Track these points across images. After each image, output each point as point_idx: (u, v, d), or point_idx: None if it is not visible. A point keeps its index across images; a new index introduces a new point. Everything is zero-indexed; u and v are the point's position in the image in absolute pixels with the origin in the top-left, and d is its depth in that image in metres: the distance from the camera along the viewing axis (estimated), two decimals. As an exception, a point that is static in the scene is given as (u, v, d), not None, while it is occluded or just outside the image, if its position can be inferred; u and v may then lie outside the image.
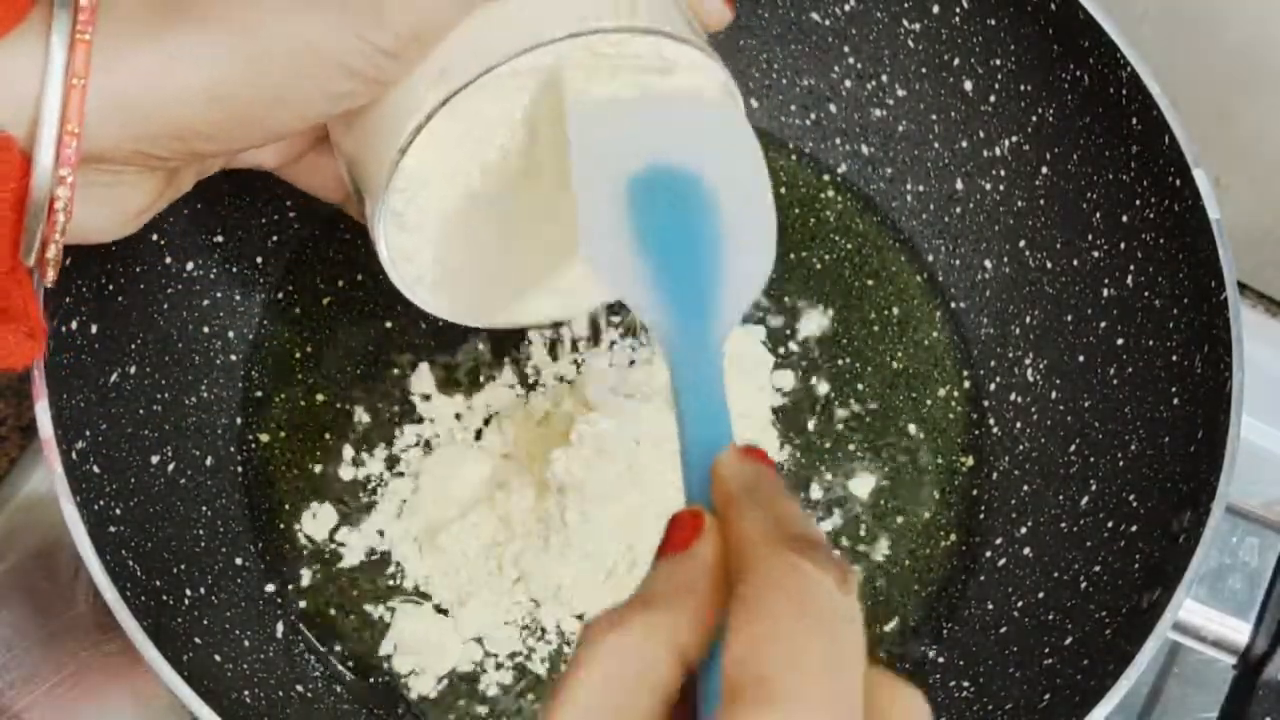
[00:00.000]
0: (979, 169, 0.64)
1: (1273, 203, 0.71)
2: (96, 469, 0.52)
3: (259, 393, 0.62)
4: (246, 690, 0.53)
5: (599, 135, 0.43)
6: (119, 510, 0.52)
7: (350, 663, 0.58)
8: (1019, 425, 0.62)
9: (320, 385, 0.62)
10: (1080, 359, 0.60)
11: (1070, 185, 0.60)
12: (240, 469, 0.61)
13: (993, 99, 0.62)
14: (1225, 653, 0.52)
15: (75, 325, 0.53)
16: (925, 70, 0.64)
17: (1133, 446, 0.57)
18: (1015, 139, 0.62)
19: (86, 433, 0.52)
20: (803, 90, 0.67)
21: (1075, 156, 0.60)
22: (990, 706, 0.56)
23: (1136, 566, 0.54)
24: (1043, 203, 0.62)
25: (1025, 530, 0.60)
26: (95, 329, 0.54)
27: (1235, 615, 0.52)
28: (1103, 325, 0.59)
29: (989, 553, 0.61)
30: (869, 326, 0.65)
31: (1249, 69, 0.67)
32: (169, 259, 0.59)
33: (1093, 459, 0.59)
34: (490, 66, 0.42)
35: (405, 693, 0.58)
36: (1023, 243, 0.63)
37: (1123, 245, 0.58)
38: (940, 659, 0.59)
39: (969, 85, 0.63)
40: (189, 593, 0.54)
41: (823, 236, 0.66)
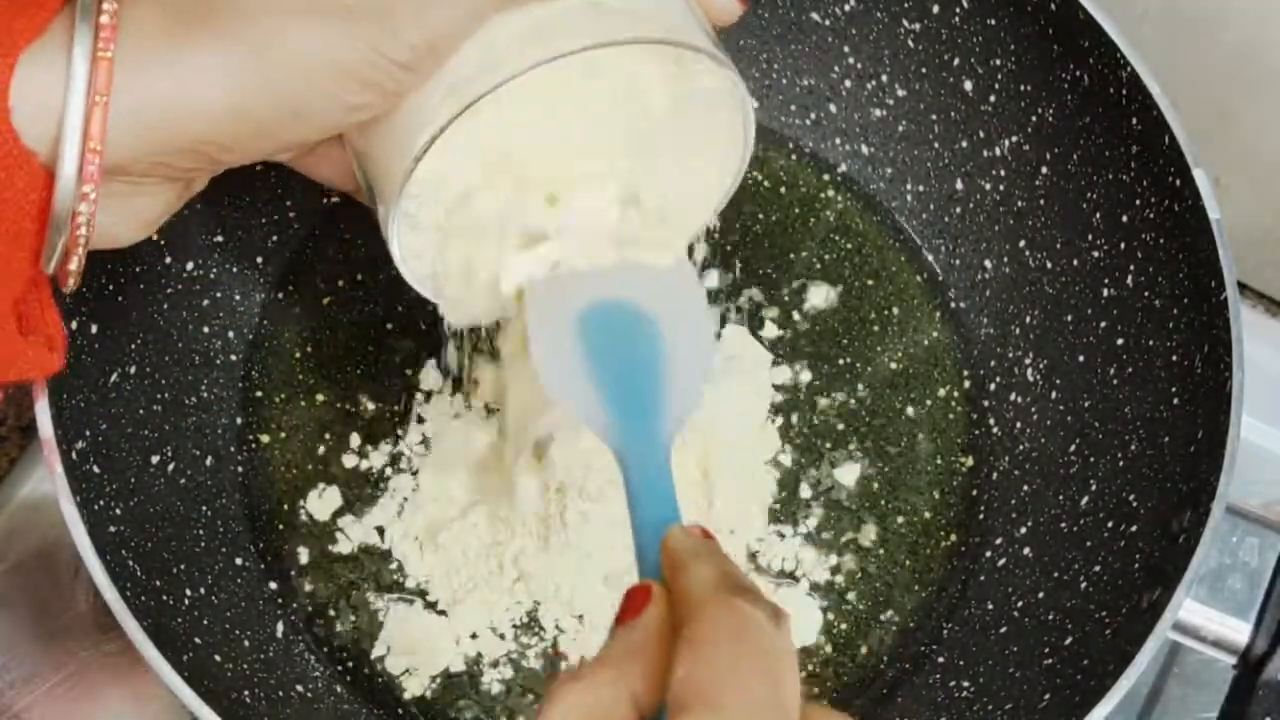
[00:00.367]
0: (979, 169, 0.64)
1: (1273, 203, 0.71)
2: (96, 469, 0.52)
3: (259, 393, 0.62)
4: (246, 690, 0.53)
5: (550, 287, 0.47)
6: (119, 510, 0.52)
7: (350, 662, 0.58)
8: (1019, 425, 0.62)
9: (320, 385, 0.62)
10: (1080, 359, 0.60)
11: (1070, 185, 0.60)
12: (240, 469, 0.61)
13: (993, 99, 0.62)
14: (1225, 653, 0.52)
15: (75, 325, 0.53)
16: (925, 70, 0.64)
17: (1133, 446, 0.57)
18: (1015, 139, 0.62)
19: (86, 433, 0.52)
20: (803, 90, 0.67)
21: (1075, 156, 0.60)
22: (990, 706, 0.56)
23: (1136, 566, 0.54)
24: (1043, 203, 0.62)
25: (1025, 530, 0.60)
26: (95, 329, 0.54)
27: (1235, 615, 0.52)
28: (1103, 325, 0.59)
29: (989, 553, 0.61)
30: (869, 326, 0.65)
31: (1249, 69, 0.67)
32: (169, 259, 0.59)
33: (1093, 459, 0.59)
34: (505, 80, 0.42)
35: (400, 693, 0.58)
36: (1023, 243, 0.63)
37: (1123, 245, 0.58)
38: (940, 659, 0.59)
39: (969, 85, 0.63)
40: (189, 593, 0.54)
41: (823, 236, 0.66)
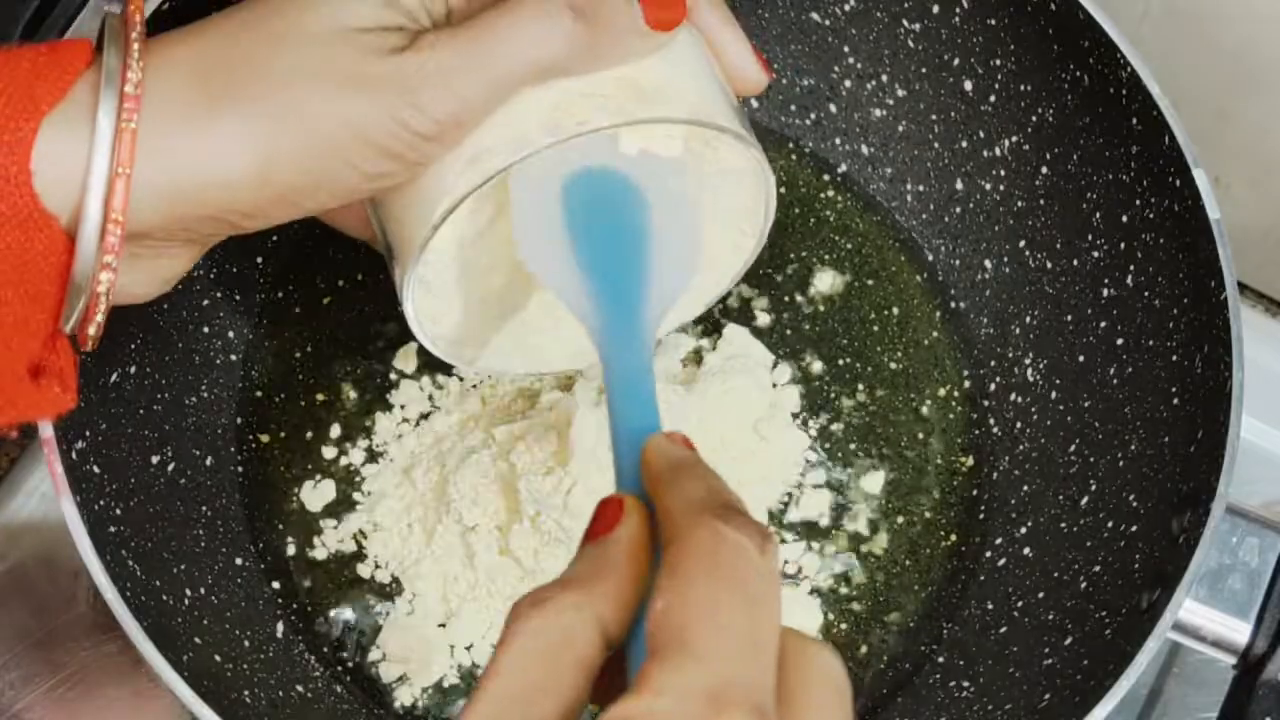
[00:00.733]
0: (979, 169, 0.64)
1: (1273, 203, 0.71)
2: (96, 469, 0.52)
3: (259, 393, 0.62)
4: (246, 690, 0.53)
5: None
6: (119, 510, 0.52)
7: (349, 663, 0.58)
8: (1019, 425, 0.62)
9: (320, 385, 0.62)
10: (1080, 359, 0.60)
11: (1070, 185, 0.60)
12: (240, 469, 0.61)
13: (993, 99, 0.62)
14: (1225, 653, 0.52)
15: (75, 325, 0.53)
16: (925, 70, 0.64)
17: (1133, 446, 0.57)
18: (1015, 139, 0.62)
19: (86, 433, 0.52)
20: (803, 90, 0.67)
21: (1075, 156, 0.60)
22: (990, 706, 0.56)
23: (1136, 566, 0.54)
24: (1043, 203, 0.62)
25: (1025, 530, 0.60)
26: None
27: (1235, 615, 0.52)
28: (1103, 325, 0.59)
29: (989, 553, 0.61)
30: (869, 326, 0.65)
31: (1249, 69, 0.67)
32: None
33: (1093, 459, 0.59)
34: (528, 155, 0.42)
35: (391, 701, 0.57)
36: (1023, 243, 0.63)
37: (1123, 245, 0.58)
38: (940, 659, 0.59)
39: (969, 85, 0.63)
40: (189, 593, 0.54)
41: (823, 236, 0.66)
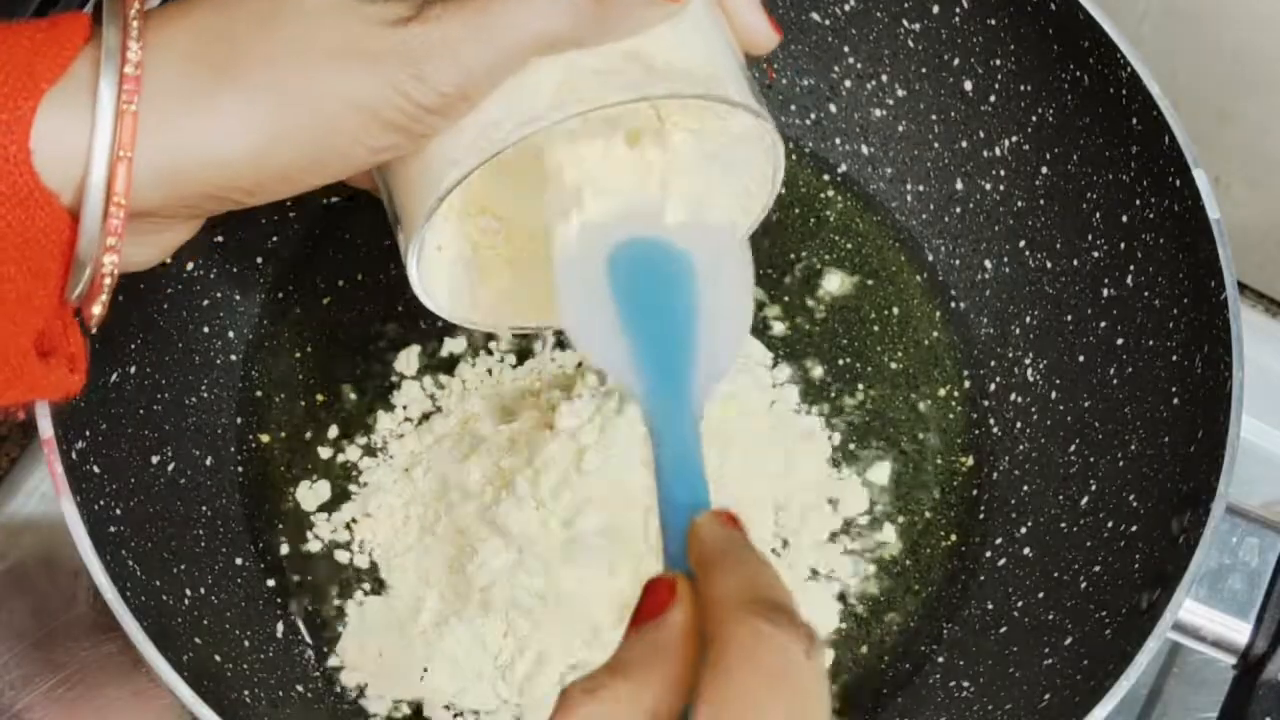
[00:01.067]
0: (979, 169, 0.64)
1: (1273, 203, 0.71)
2: (96, 469, 0.52)
3: (259, 393, 0.62)
4: (246, 690, 0.53)
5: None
6: (119, 510, 0.52)
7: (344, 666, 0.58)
8: (1019, 425, 0.62)
9: (320, 385, 0.62)
10: (1080, 359, 0.60)
11: (1070, 185, 0.60)
12: (240, 469, 0.61)
13: (993, 99, 0.62)
14: (1225, 653, 0.52)
15: (75, 325, 0.53)
16: (925, 70, 0.64)
17: (1133, 446, 0.57)
18: (1015, 139, 0.62)
19: (86, 433, 0.52)
20: (803, 90, 0.67)
21: (1075, 156, 0.60)
22: (990, 706, 0.56)
23: (1136, 566, 0.54)
24: (1043, 203, 0.62)
25: (1025, 530, 0.60)
26: (96, 329, 0.54)
27: (1235, 615, 0.52)
28: (1103, 325, 0.59)
29: (989, 553, 0.61)
30: (869, 326, 0.65)
31: (1249, 69, 0.67)
32: (169, 259, 0.59)
33: (1093, 459, 0.59)
34: (538, 129, 0.41)
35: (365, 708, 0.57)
36: (1023, 243, 0.63)
37: (1123, 245, 0.58)
38: (940, 659, 0.59)
39: (969, 85, 0.63)
40: (189, 593, 0.54)
41: (823, 236, 0.66)
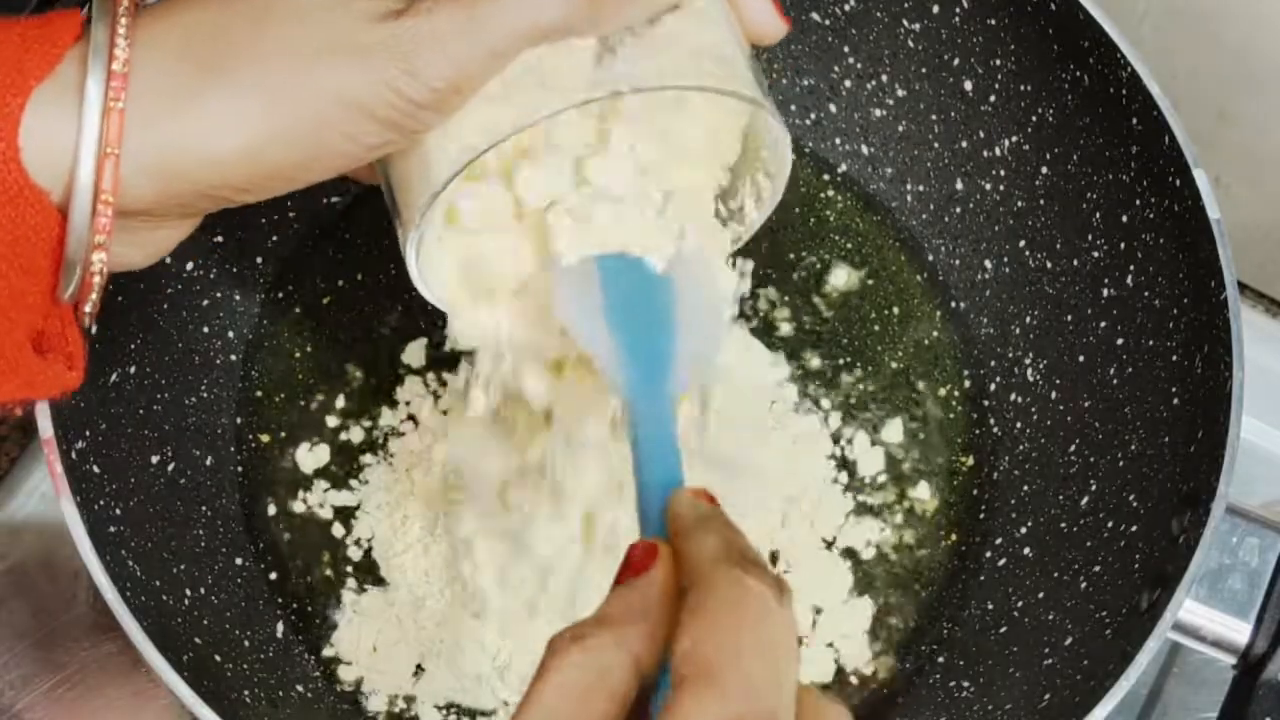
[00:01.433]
0: (979, 169, 0.64)
1: (1273, 203, 0.71)
2: (96, 469, 0.52)
3: (259, 393, 0.62)
4: (246, 690, 0.53)
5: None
6: (119, 510, 0.52)
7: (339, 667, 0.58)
8: (1019, 425, 0.62)
9: (320, 385, 0.62)
10: (1080, 359, 0.60)
11: (1070, 185, 0.60)
12: (240, 469, 0.61)
13: (993, 99, 0.62)
14: (1225, 653, 0.52)
15: (75, 325, 0.53)
16: (925, 70, 0.64)
17: (1133, 446, 0.57)
18: (1015, 139, 0.62)
19: (86, 433, 0.52)
20: (803, 90, 0.67)
21: (1075, 156, 0.60)
22: (990, 706, 0.56)
23: (1136, 566, 0.54)
24: (1043, 203, 0.62)
25: (1025, 530, 0.60)
26: (95, 329, 0.54)
27: (1235, 615, 0.52)
28: (1103, 325, 0.59)
29: (989, 553, 0.61)
30: (869, 326, 0.65)
31: (1249, 69, 0.67)
32: (169, 259, 0.58)
33: (1093, 459, 0.59)
34: (539, 120, 0.41)
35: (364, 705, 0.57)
36: (1023, 243, 0.63)
37: (1123, 245, 0.58)
38: (940, 659, 0.59)
39: (969, 85, 0.63)
40: (189, 593, 0.54)
41: (823, 236, 0.66)
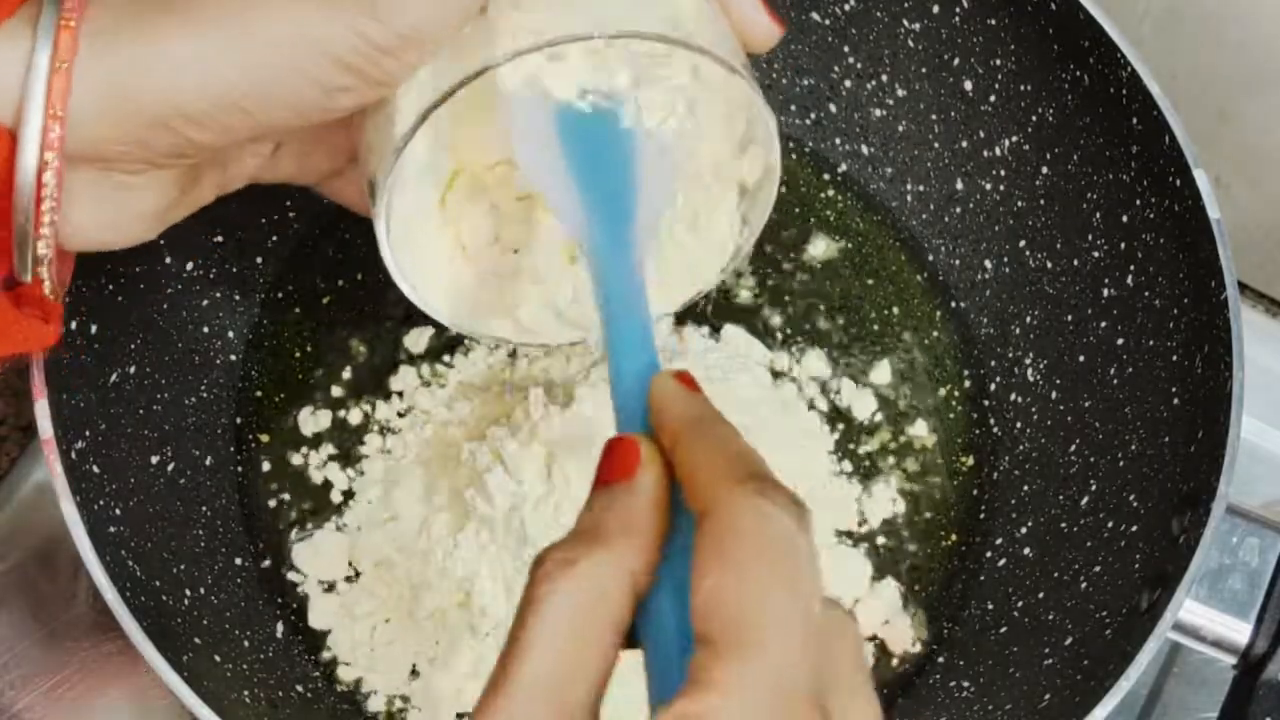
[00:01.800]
0: (979, 169, 0.64)
1: (1273, 203, 0.71)
2: (96, 469, 0.52)
3: (259, 393, 0.62)
4: (246, 690, 0.53)
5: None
6: (119, 510, 0.52)
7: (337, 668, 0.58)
8: (1019, 425, 0.62)
9: (320, 384, 0.62)
10: (1080, 359, 0.60)
11: (1070, 185, 0.60)
12: (240, 469, 0.61)
13: (993, 99, 0.62)
14: (1225, 653, 0.52)
15: (75, 325, 0.53)
16: (925, 70, 0.64)
17: (1133, 446, 0.57)
18: (1015, 139, 0.62)
19: (86, 433, 0.52)
20: (803, 90, 0.67)
21: (1075, 156, 0.60)
22: (990, 706, 0.56)
23: (1136, 566, 0.54)
24: (1043, 203, 0.62)
25: (1025, 530, 0.60)
26: (95, 329, 0.54)
27: (1235, 615, 0.52)
28: (1103, 325, 0.59)
29: (989, 553, 0.61)
30: (869, 326, 0.65)
31: (1249, 69, 0.67)
32: (169, 259, 0.59)
33: (1093, 459, 0.59)
34: (500, 62, 0.40)
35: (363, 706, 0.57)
36: (1023, 243, 0.63)
37: (1123, 245, 0.58)
38: (940, 659, 0.59)
39: (969, 85, 0.63)
40: (189, 593, 0.54)
41: (823, 236, 0.66)
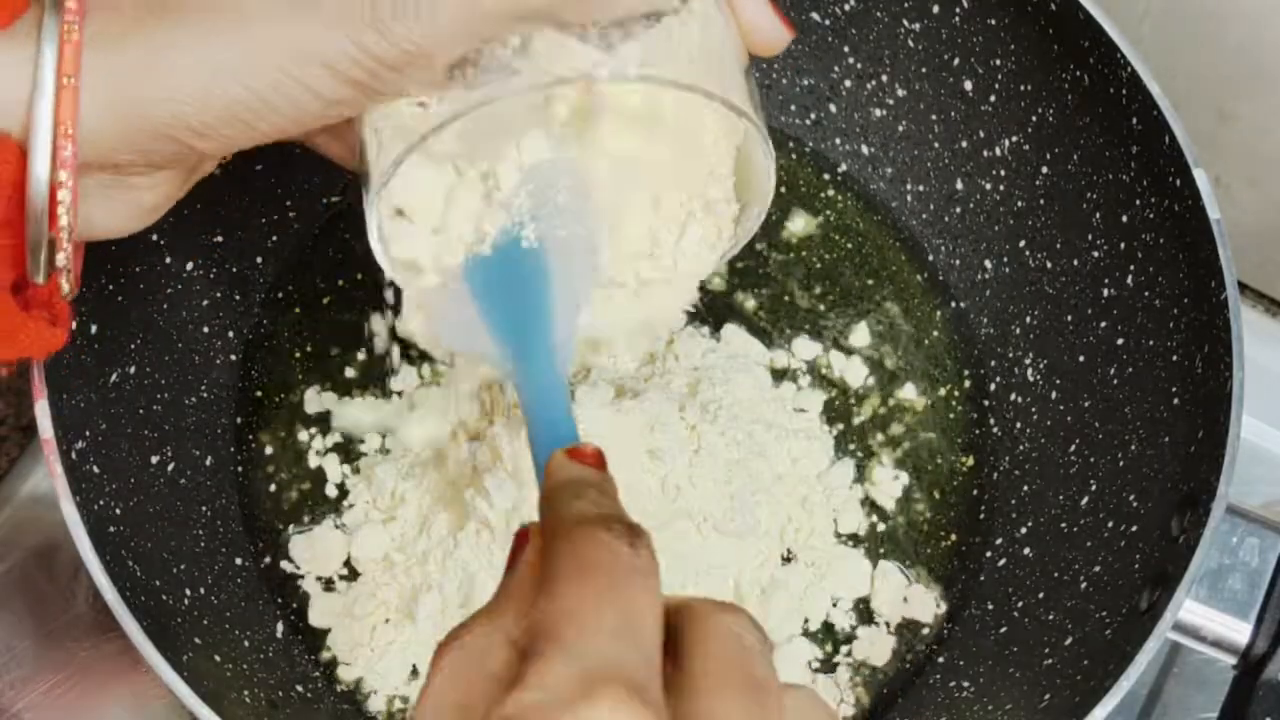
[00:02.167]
0: (979, 169, 0.64)
1: (1273, 203, 0.71)
2: (96, 469, 0.52)
3: (259, 393, 0.62)
4: (246, 690, 0.53)
5: None
6: (119, 510, 0.52)
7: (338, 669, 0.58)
8: (1019, 425, 0.62)
9: (319, 385, 0.62)
10: (1080, 359, 0.60)
11: (1070, 185, 0.60)
12: (240, 468, 0.61)
13: (993, 99, 0.62)
14: (1225, 653, 0.52)
15: (75, 325, 0.52)
16: (925, 70, 0.64)
17: (1133, 446, 0.57)
18: (1015, 139, 0.62)
19: (86, 433, 0.52)
20: (803, 90, 0.67)
21: (1075, 156, 0.60)
22: (990, 706, 0.56)
23: (1136, 566, 0.54)
24: (1043, 203, 0.62)
25: (1025, 530, 0.60)
26: (95, 329, 0.54)
27: (1235, 615, 0.52)
28: (1103, 325, 0.59)
29: (989, 553, 0.61)
30: (851, 293, 0.65)
31: (1249, 69, 0.67)
32: (169, 259, 0.59)
33: (1093, 459, 0.59)
34: (504, 95, 0.41)
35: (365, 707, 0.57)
36: (1023, 243, 0.63)
37: (1123, 245, 0.58)
38: (940, 659, 0.59)
39: (969, 85, 0.63)
40: (189, 593, 0.54)
41: (823, 236, 0.66)
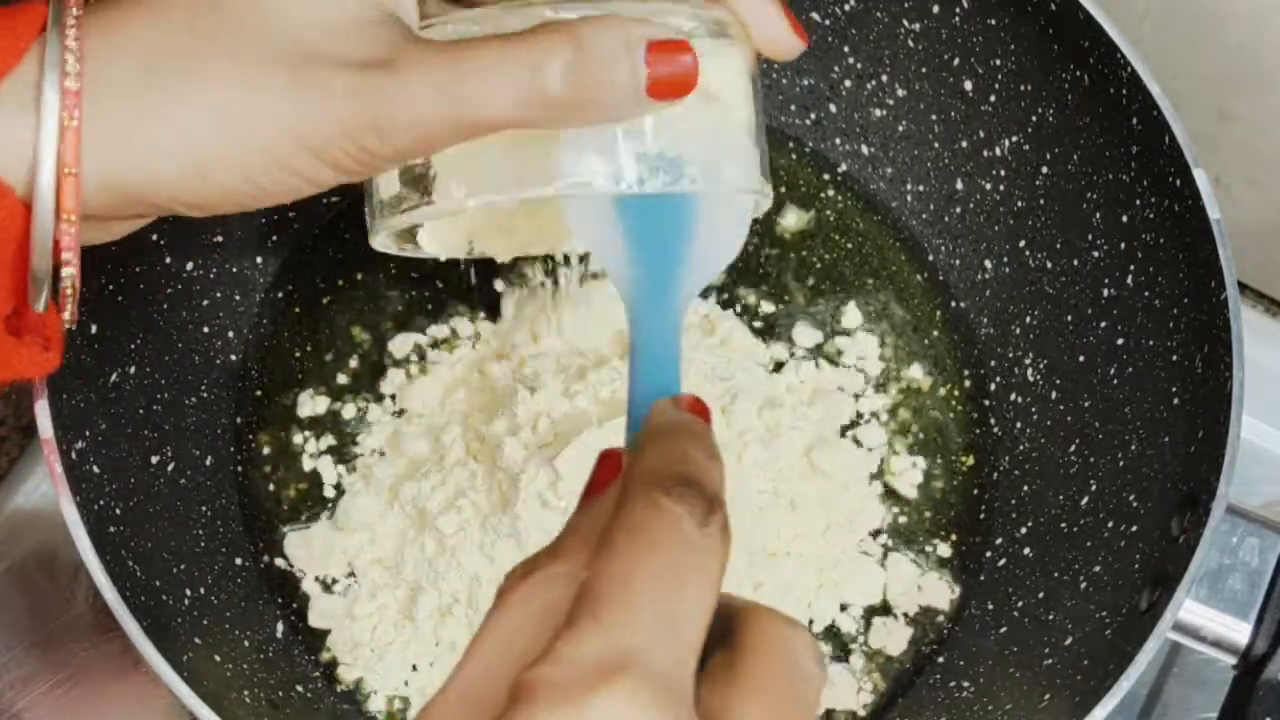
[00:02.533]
0: (979, 169, 0.64)
1: (1273, 203, 0.71)
2: (96, 469, 0.52)
3: (259, 393, 0.62)
4: (246, 690, 0.53)
5: None
6: (119, 510, 0.52)
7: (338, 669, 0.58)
8: (1019, 425, 0.62)
9: (319, 385, 0.62)
10: (1080, 359, 0.60)
11: (1070, 185, 0.60)
12: (240, 469, 0.61)
13: (993, 99, 0.62)
14: (1225, 653, 0.52)
15: (75, 326, 0.52)
16: (925, 70, 0.64)
17: (1133, 446, 0.57)
18: (1015, 139, 0.62)
19: (86, 433, 0.52)
20: (803, 90, 0.67)
21: (1075, 156, 0.60)
22: (990, 706, 0.56)
23: (1136, 566, 0.54)
24: (1043, 203, 0.62)
25: (1025, 530, 0.60)
26: (95, 329, 0.54)
27: (1235, 615, 0.52)
28: (1103, 325, 0.59)
29: (989, 553, 0.61)
30: (844, 281, 0.65)
31: (1249, 69, 0.67)
32: (169, 259, 0.59)
33: (1093, 459, 0.59)
34: (521, 196, 0.41)
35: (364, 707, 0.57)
36: (1023, 243, 0.63)
37: (1123, 245, 0.58)
38: (940, 659, 0.59)
39: (969, 85, 0.63)
40: (189, 593, 0.54)
41: (823, 236, 0.66)
